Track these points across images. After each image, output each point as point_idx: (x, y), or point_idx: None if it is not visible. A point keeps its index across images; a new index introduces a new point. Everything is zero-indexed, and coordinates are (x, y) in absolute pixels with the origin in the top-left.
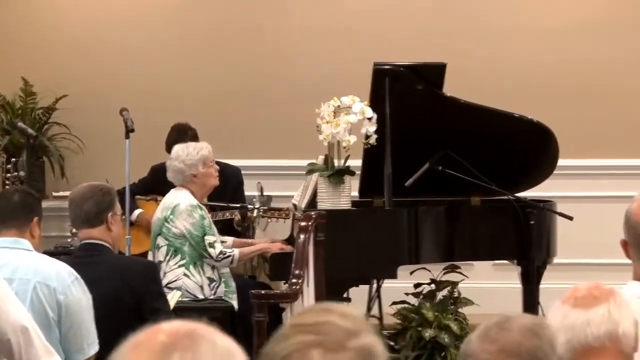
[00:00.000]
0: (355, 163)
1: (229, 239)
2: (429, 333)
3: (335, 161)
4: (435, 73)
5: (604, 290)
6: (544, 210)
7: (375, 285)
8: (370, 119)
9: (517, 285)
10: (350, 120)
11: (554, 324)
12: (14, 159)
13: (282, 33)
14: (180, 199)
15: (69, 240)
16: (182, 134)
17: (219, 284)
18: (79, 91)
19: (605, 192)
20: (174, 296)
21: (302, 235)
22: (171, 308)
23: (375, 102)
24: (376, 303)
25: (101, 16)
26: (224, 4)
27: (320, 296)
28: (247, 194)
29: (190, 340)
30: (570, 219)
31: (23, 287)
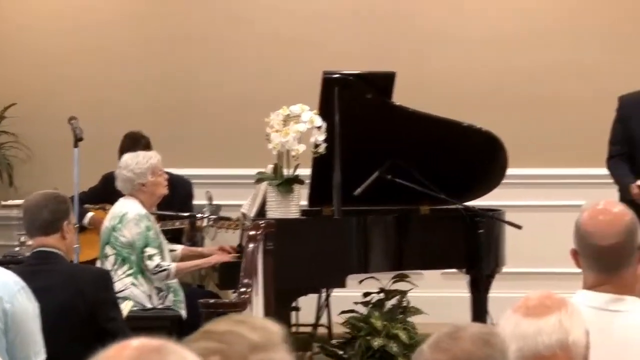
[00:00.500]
0: (305, 172)
1: (179, 247)
2: (377, 342)
3: (285, 170)
4: (384, 82)
5: (555, 300)
6: (493, 219)
7: (324, 294)
8: (320, 127)
9: (466, 294)
10: (299, 129)
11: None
12: None
13: (231, 41)
14: (128, 207)
15: (17, 249)
16: (135, 142)
17: (167, 294)
18: (27, 100)
19: (554, 201)
20: (126, 306)
21: (251, 244)
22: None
23: (324, 111)
24: (325, 312)
25: (49, 24)
26: (174, 12)
27: (269, 305)
28: (196, 202)
29: (159, 355)
30: (519, 227)
31: None
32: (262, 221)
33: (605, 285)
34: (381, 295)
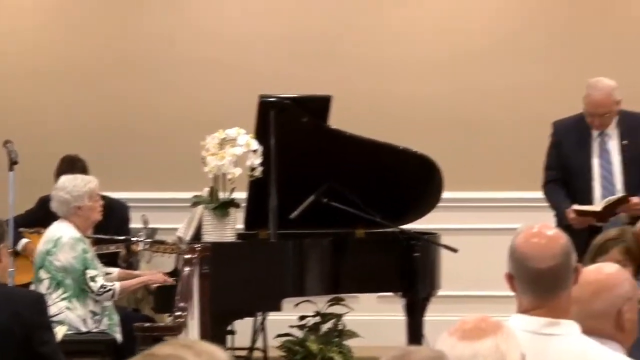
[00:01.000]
0: (241, 195)
1: (114, 270)
2: None
3: (221, 193)
4: (320, 105)
5: (490, 323)
6: (429, 242)
7: (259, 318)
8: (256, 151)
9: (402, 317)
10: (235, 152)
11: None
12: None
13: (168, 64)
14: (62, 231)
15: None
16: (71, 165)
17: (102, 317)
18: None
19: (489, 225)
20: (60, 330)
21: (187, 268)
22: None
23: (260, 134)
24: (261, 336)
25: None
26: (107, 35)
27: (205, 329)
28: (132, 226)
29: None
30: (455, 251)
31: None
32: (198, 245)
33: (540, 309)
34: (317, 318)
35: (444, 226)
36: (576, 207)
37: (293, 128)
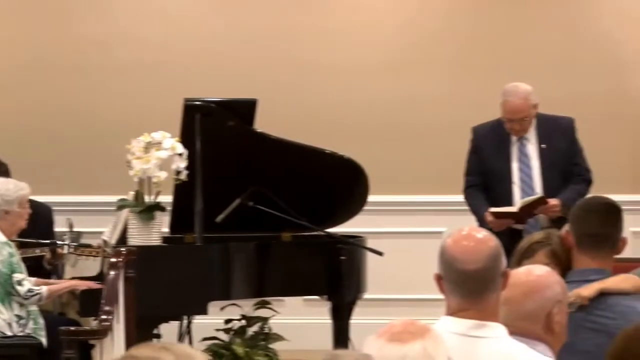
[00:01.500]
0: (166, 199)
1: (32, 279)
2: None
3: (146, 197)
4: (246, 109)
5: (419, 327)
6: (355, 245)
7: (185, 321)
8: (181, 154)
9: (328, 320)
10: (161, 156)
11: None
12: None
13: (94, 68)
14: None
15: None
16: None
17: (28, 321)
18: None
19: (415, 228)
20: None
21: (113, 272)
22: None
23: (186, 138)
24: (186, 339)
25: None
26: (29, 38)
27: (131, 333)
28: (57, 229)
29: None
30: (381, 254)
31: None
32: (124, 248)
33: (467, 311)
34: (243, 322)
35: (370, 229)
36: (493, 210)
37: (219, 132)
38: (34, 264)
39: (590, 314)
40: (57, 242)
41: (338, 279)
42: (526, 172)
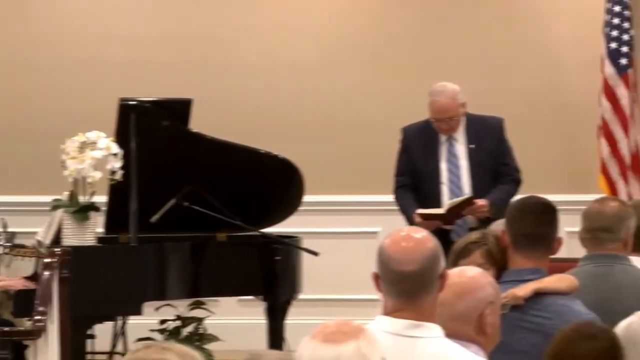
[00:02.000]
0: (101, 199)
1: None
2: None
3: (81, 197)
4: (181, 109)
5: (353, 327)
6: (290, 246)
7: (120, 322)
8: (116, 154)
9: (263, 320)
10: (95, 155)
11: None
12: None
13: (27, 66)
14: None
15: None
16: None
17: None
18: None
19: (350, 228)
20: None
21: (47, 272)
22: None
23: (121, 138)
24: (121, 340)
25: None
26: None
27: (65, 333)
28: None
29: None
30: (316, 254)
31: None
32: (58, 248)
33: (403, 311)
34: (178, 322)
35: (305, 230)
36: (420, 211)
37: (154, 131)
38: None
39: (525, 314)
40: None
41: (273, 279)
42: (454, 172)
